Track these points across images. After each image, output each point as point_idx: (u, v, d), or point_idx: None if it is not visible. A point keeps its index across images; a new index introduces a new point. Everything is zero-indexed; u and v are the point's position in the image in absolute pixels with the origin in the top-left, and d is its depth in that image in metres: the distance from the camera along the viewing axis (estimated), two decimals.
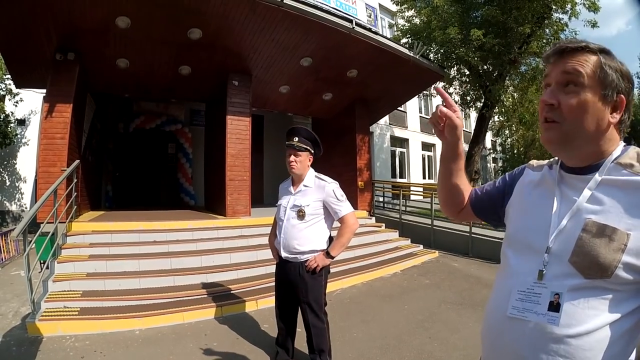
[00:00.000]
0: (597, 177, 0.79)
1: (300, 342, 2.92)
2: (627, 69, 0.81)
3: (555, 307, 0.75)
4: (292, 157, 2.46)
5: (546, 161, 0.99)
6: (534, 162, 1.02)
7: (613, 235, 0.72)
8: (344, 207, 2.50)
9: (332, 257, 2.49)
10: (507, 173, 1.08)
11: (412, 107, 15.43)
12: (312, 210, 2.46)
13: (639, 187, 0.74)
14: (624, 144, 0.82)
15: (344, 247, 2.56)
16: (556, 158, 0.93)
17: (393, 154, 14.79)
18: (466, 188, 1.13)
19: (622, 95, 0.79)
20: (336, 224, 2.59)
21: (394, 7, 10.78)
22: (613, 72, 0.79)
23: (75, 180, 5.05)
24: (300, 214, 2.45)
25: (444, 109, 0.96)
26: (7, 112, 8.47)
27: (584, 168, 0.83)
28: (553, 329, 0.74)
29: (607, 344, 0.71)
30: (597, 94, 0.78)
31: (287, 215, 2.49)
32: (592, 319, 0.72)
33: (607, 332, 0.71)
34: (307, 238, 2.46)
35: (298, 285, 2.48)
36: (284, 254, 2.49)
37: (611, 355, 0.71)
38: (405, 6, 9.66)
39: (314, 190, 2.50)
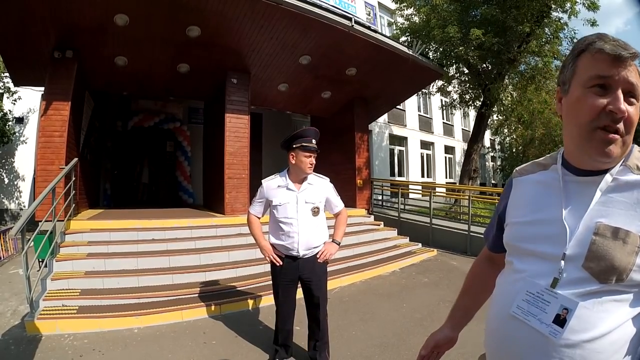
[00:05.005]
0: (608, 178, 0.76)
1: (298, 339, 2.94)
2: None
3: (561, 321, 0.73)
4: (313, 160, 2.57)
5: (532, 163, 0.94)
6: (518, 169, 0.98)
7: (626, 238, 0.71)
8: (340, 201, 2.78)
9: (339, 244, 2.69)
10: (497, 205, 1.05)
11: (411, 106, 15.42)
12: (322, 206, 2.64)
13: None
14: None
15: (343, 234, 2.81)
16: (552, 157, 0.89)
17: (392, 152, 14.79)
18: (488, 272, 1.12)
19: None
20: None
21: (393, 5, 10.77)
22: None
23: (73, 179, 5.03)
24: (316, 211, 2.58)
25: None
26: (5, 110, 8.45)
27: (594, 170, 0.79)
28: (568, 336, 0.71)
29: (619, 345, 0.70)
30: None
31: (301, 213, 2.54)
32: (605, 321, 0.71)
33: (620, 333, 0.71)
34: (320, 233, 2.63)
35: (312, 280, 2.57)
36: (302, 252, 2.53)
37: (622, 355, 0.71)
38: (404, 4, 9.66)
39: (318, 188, 2.63)
